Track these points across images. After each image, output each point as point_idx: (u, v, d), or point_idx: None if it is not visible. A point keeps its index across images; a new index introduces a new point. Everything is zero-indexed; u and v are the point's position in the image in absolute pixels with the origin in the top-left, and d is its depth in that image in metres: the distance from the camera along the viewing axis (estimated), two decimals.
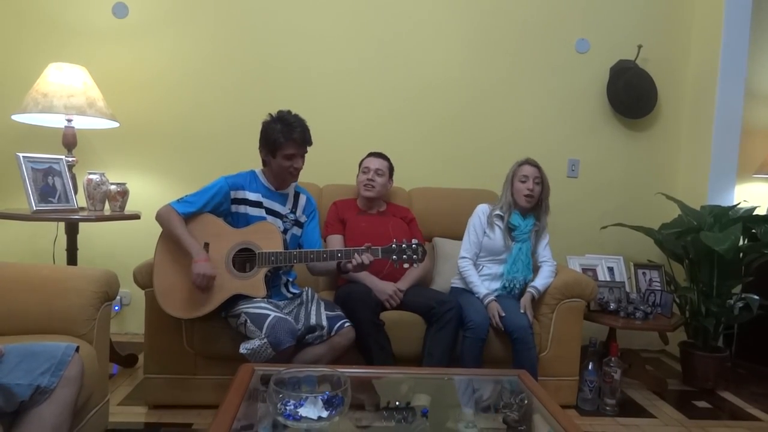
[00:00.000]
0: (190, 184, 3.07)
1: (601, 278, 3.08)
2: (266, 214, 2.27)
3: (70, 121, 2.68)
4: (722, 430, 2.47)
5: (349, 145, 2.98)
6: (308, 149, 2.28)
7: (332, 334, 2.16)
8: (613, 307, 2.81)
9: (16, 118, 2.69)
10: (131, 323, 3.29)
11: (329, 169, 2.94)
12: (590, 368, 2.54)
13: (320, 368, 1.72)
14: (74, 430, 1.61)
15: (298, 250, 2.23)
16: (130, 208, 2.77)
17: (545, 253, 2.64)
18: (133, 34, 3.18)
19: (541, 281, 2.55)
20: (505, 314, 2.42)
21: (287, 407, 1.39)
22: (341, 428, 1.49)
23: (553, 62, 3.46)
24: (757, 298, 2.83)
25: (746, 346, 3.38)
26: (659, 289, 3.03)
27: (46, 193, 2.49)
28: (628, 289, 3.03)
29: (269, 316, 2.01)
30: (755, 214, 2.96)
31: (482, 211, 2.67)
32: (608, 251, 3.28)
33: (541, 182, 2.61)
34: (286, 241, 2.27)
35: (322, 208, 2.82)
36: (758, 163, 3.65)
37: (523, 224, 2.60)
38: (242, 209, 2.25)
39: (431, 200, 3.08)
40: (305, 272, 2.46)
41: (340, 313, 2.24)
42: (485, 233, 2.62)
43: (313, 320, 2.17)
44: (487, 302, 2.47)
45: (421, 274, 2.65)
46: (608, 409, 2.55)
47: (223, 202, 2.22)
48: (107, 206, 2.70)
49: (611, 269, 3.14)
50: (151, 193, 3.19)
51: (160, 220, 2.18)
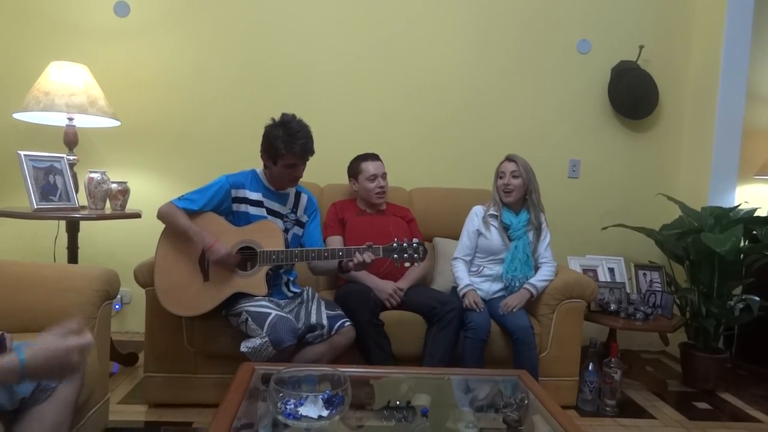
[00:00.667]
0: (191, 182, 3.05)
1: (601, 279, 3.08)
2: (267, 213, 2.27)
3: (71, 119, 2.68)
4: (722, 431, 2.47)
5: (349, 144, 2.98)
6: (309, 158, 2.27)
7: (332, 333, 2.16)
8: (613, 307, 2.81)
9: (17, 116, 2.69)
10: (132, 322, 3.29)
11: (330, 168, 2.94)
12: (590, 369, 2.54)
13: (321, 367, 1.72)
14: (75, 428, 1.61)
15: (299, 248, 2.22)
16: (131, 206, 2.77)
17: (546, 254, 2.63)
18: (134, 32, 3.18)
19: (539, 280, 2.54)
20: (505, 314, 2.42)
21: (287, 406, 1.39)
22: (341, 427, 1.49)
23: (554, 62, 3.45)
24: (757, 299, 2.82)
25: (747, 347, 3.38)
26: (660, 290, 3.03)
27: (47, 191, 2.49)
28: (628, 289, 3.03)
29: (270, 314, 2.02)
30: (756, 215, 2.96)
31: (476, 212, 2.68)
32: (609, 252, 3.28)
33: (520, 176, 2.58)
34: (287, 240, 2.27)
35: (322, 207, 2.82)
36: (759, 164, 3.65)
37: (515, 221, 2.60)
38: (243, 208, 2.25)
39: (432, 200, 3.08)
40: (306, 271, 2.46)
41: (340, 312, 2.24)
42: (481, 234, 2.63)
43: (313, 319, 2.17)
44: (464, 292, 2.48)
45: (421, 273, 2.65)
46: (608, 409, 2.55)
47: (224, 200, 2.22)
48: (108, 205, 2.70)
49: (612, 270, 3.14)
50: (152, 191, 3.19)
51: (162, 217, 2.18)
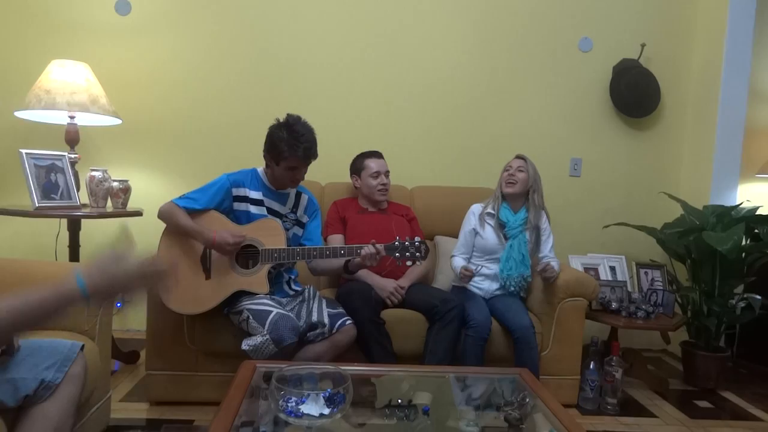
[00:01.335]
0: (192, 181, 3.07)
1: (603, 277, 3.08)
2: (267, 213, 2.27)
3: (72, 117, 2.68)
4: (724, 430, 2.47)
5: (350, 143, 2.98)
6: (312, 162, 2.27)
7: (334, 331, 2.16)
8: (614, 306, 2.81)
9: (19, 114, 2.69)
10: (133, 320, 3.30)
11: (331, 167, 2.93)
12: (592, 367, 2.54)
13: (322, 365, 1.72)
14: (77, 425, 1.61)
15: (301, 247, 2.22)
16: (132, 205, 2.78)
17: (551, 254, 2.62)
18: (135, 31, 3.18)
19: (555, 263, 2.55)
20: (507, 312, 2.42)
21: (289, 404, 1.39)
22: (343, 425, 1.50)
23: (555, 61, 3.45)
24: (759, 298, 2.82)
25: (748, 346, 3.38)
26: (661, 288, 3.03)
27: (48, 189, 2.50)
28: (630, 288, 3.02)
29: (271, 312, 2.02)
30: (758, 213, 2.96)
31: (473, 211, 2.69)
32: (610, 250, 3.28)
33: (526, 171, 2.60)
34: (288, 238, 2.28)
35: (324, 206, 2.82)
36: (761, 162, 3.65)
37: (512, 219, 2.60)
38: (244, 207, 2.25)
39: (433, 198, 3.08)
40: (307, 270, 2.46)
41: (341, 310, 2.24)
42: (477, 233, 2.63)
43: (314, 318, 2.18)
44: (459, 270, 2.50)
45: (422, 272, 2.65)
46: (609, 408, 2.55)
47: (224, 199, 2.22)
48: (109, 203, 2.71)
49: (613, 268, 3.14)
50: (153, 190, 3.19)
51: (163, 216, 2.18)
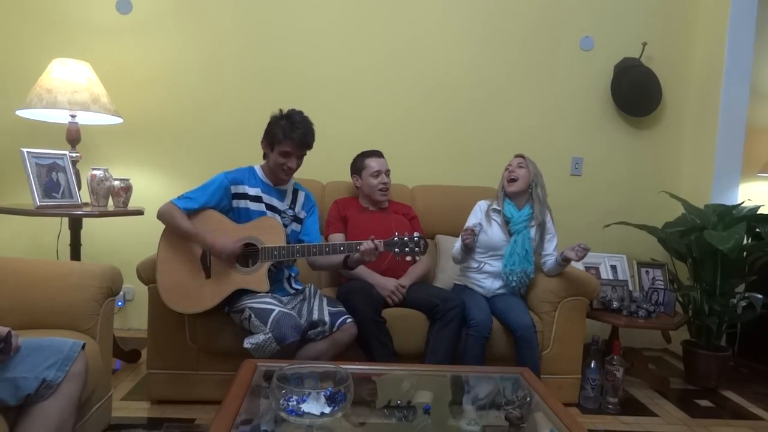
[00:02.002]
0: (193, 180, 3.05)
1: (604, 276, 3.07)
2: (266, 209, 2.28)
3: (74, 116, 2.68)
4: (725, 429, 2.47)
5: (352, 142, 2.97)
6: (310, 151, 2.29)
7: (334, 329, 2.16)
8: (615, 305, 2.81)
9: (20, 113, 2.69)
10: (134, 319, 3.30)
11: (332, 166, 2.94)
12: (593, 366, 2.54)
13: (323, 364, 1.72)
14: (78, 424, 1.62)
15: (300, 244, 2.23)
16: (133, 204, 2.78)
17: (554, 253, 2.61)
18: (136, 30, 3.18)
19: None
20: (508, 312, 2.42)
21: (290, 403, 1.39)
22: (344, 424, 1.50)
23: (556, 60, 3.45)
24: (760, 297, 2.82)
25: (749, 345, 3.37)
26: (662, 287, 3.02)
27: (49, 188, 2.50)
28: (631, 287, 3.02)
29: (274, 310, 2.02)
30: (759, 213, 2.96)
31: (480, 206, 2.70)
32: (611, 249, 3.27)
33: (526, 167, 2.61)
34: (287, 234, 2.28)
35: (324, 205, 2.82)
36: (762, 162, 3.64)
37: (517, 215, 2.60)
38: (243, 204, 2.26)
39: (434, 197, 3.08)
40: (308, 268, 2.46)
41: (342, 309, 2.24)
42: (482, 229, 2.61)
43: (315, 316, 2.18)
44: (463, 236, 2.46)
45: (423, 270, 2.65)
46: (610, 407, 2.55)
47: (223, 197, 2.23)
48: (111, 202, 2.71)
49: (614, 267, 3.14)
50: (154, 189, 3.19)
51: (162, 217, 2.18)
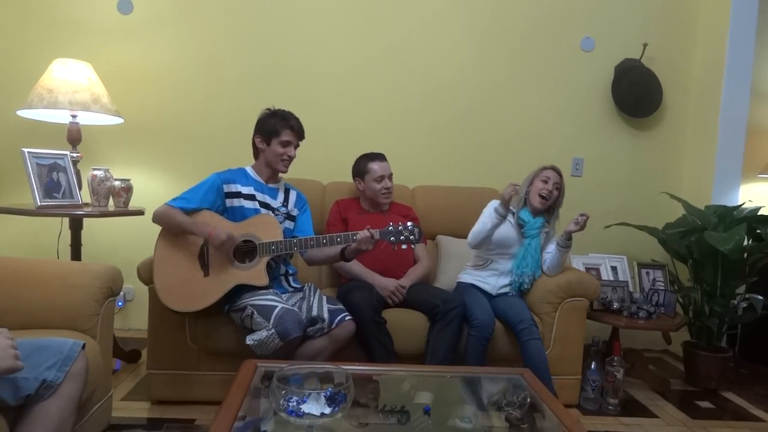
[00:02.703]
0: (194, 180, 3.02)
1: (604, 277, 3.07)
2: (259, 206, 2.29)
3: (74, 116, 2.69)
4: (725, 430, 2.47)
5: (352, 143, 2.98)
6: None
7: (333, 326, 2.16)
8: (616, 306, 2.81)
9: (21, 113, 2.69)
10: (134, 319, 3.30)
11: (332, 167, 2.94)
12: (593, 367, 2.54)
13: (323, 365, 1.72)
14: (78, 424, 1.61)
15: (297, 237, 2.23)
16: (134, 204, 2.78)
17: (553, 245, 2.63)
18: (137, 30, 3.18)
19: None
20: (509, 310, 2.42)
21: (290, 403, 1.39)
22: (344, 425, 1.50)
23: (557, 61, 3.45)
24: (761, 298, 2.82)
25: (750, 346, 3.37)
26: (663, 288, 3.02)
27: (50, 188, 2.50)
28: (631, 288, 3.02)
29: (276, 306, 2.03)
30: (760, 214, 2.95)
31: (495, 203, 2.64)
32: (612, 250, 3.27)
33: (559, 190, 2.62)
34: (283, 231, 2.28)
35: (325, 205, 2.82)
36: (763, 163, 3.64)
37: (532, 221, 2.60)
38: (237, 203, 2.27)
39: (434, 198, 3.08)
40: (306, 268, 2.46)
41: (341, 306, 2.25)
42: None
43: (314, 312, 2.18)
44: (494, 205, 2.51)
45: (424, 271, 2.65)
46: (611, 408, 2.55)
47: (217, 198, 2.25)
48: (111, 202, 2.71)
49: (615, 268, 3.13)
50: (155, 189, 3.20)
51: (158, 219, 2.19)
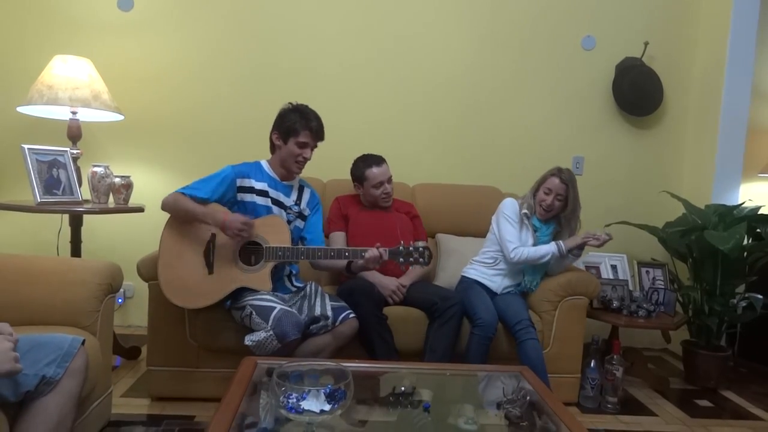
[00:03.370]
0: (194, 177, 3.01)
1: (604, 276, 3.07)
2: (271, 204, 2.27)
3: (74, 113, 2.68)
4: (724, 429, 2.47)
5: (353, 140, 2.98)
6: (318, 145, 2.32)
7: (337, 324, 2.16)
8: (616, 305, 2.81)
9: (21, 110, 2.69)
10: (134, 316, 3.30)
11: (333, 164, 2.93)
12: (592, 366, 2.54)
13: (323, 362, 1.72)
14: (78, 421, 1.61)
15: (305, 246, 2.22)
16: (134, 201, 2.78)
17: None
18: (137, 27, 3.18)
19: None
20: (507, 309, 2.42)
21: (290, 400, 1.39)
22: (343, 422, 1.50)
23: (558, 59, 3.44)
24: (760, 297, 2.82)
25: (749, 345, 3.38)
26: (662, 287, 3.02)
27: (50, 185, 2.50)
28: (631, 287, 3.02)
29: (275, 308, 2.02)
30: (760, 213, 2.95)
31: (512, 201, 2.61)
32: (612, 249, 3.24)
33: (564, 199, 2.52)
34: (291, 230, 2.28)
35: (325, 203, 2.82)
36: (764, 162, 3.64)
37: (544, 228, 2.59)
38: (248, 198, 2.25)
39: (435, 196, 3.07)
40: (308, 267, 2.46)
41: (344, 304, 2.25)
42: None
43: (318, 311, 2.18)
44: (566, 248, 2.44)
45: (424, 270, 2.64)
46: (610, 406, 2.55)
47: (228, 190, 2.22)
48: (111, 199, 2.71)
49: (615, 267, 3.13)
50: (155, 186, 3.19)
51: (168, 206, 2.17)
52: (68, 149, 2.63)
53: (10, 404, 1.31)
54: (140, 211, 2.73)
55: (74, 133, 2.69)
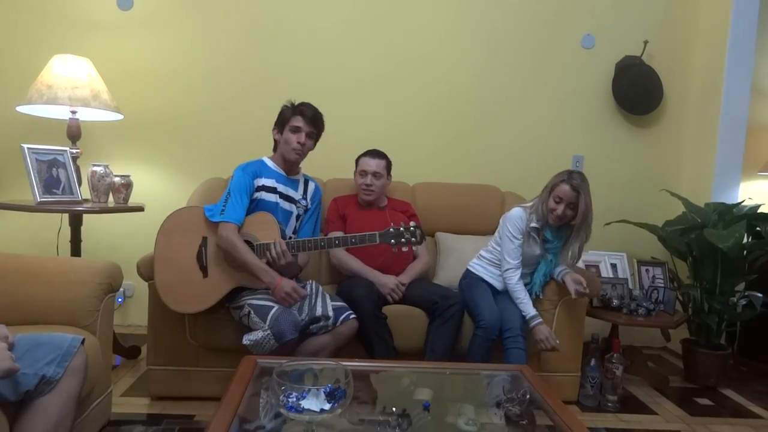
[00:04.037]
0: (193, 176, 3.08)
1: (604, 275, 3.07)
2: (280, 199, 2.29)
3: (74, 112, 2.68)
4: (724, 427, 2.47)
5: (353, 140, 2.97)
6: (319, 138, 2.36)
7: (338, 324, 2.16)
8: (615, 303, 2.81)
9: (20, 109, 2.69)
10: (134, 315, 3.30)
11: (332, 163, 2.94)
12: (592, 364, 2.54)
13: (323, 361, 1.72)
14: (78, 420, 1.62)
15: (294, 240, 2.22)
16: (133, 200, 2.78)
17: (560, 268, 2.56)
18: (137, 26, 3.17)
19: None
20: (504, 310, 2.39)
21: (290, 399, 1.39)
22: (343, 421, 1.50)
23: (558, 58, 3.44)
24: (760, 295, 2.82)
25: (748, 343, 3.37)
26: (662, 286, 3.03)
27: (50, 184, 2.50)
28: (631, 285, 3.02)
29: (273, 308, 2.03)
30: (760, 211, 2.95)
31: (519, 216, 2.45)
32: (612, 248, 3.27)
33: (575, 208, 2.35)
34: (283, 230, 2.28)
35: (324, 202, 2.82)
36: (763, 160, 3.64)
37: (556, 239, 2.48)
38: (258, 195, 2.28)
39: (434, 195, 3.07)
40: (308, 265, 2.46)
41: (344, 304, 2.25)
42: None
43: (319, 311, 2.18)
44: (534, 324, 2.32)
45: (423, 268, 2.64)
46: (610, 405, 2.55)
47: (250, 197, 2.25)
48: (111, 198, 2.71)
49: (614, 266, 3.14)
50: (154, 185, 3.20)
51: (225, 245, 2.13)
52: (68, 149, 2.63)
53: (10, 403, 1.32)
54: (140, 210, 2.73)
55: (74, 132, 2.69)
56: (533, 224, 2.43)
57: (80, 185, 2.66)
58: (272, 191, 2.30)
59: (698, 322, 3.00)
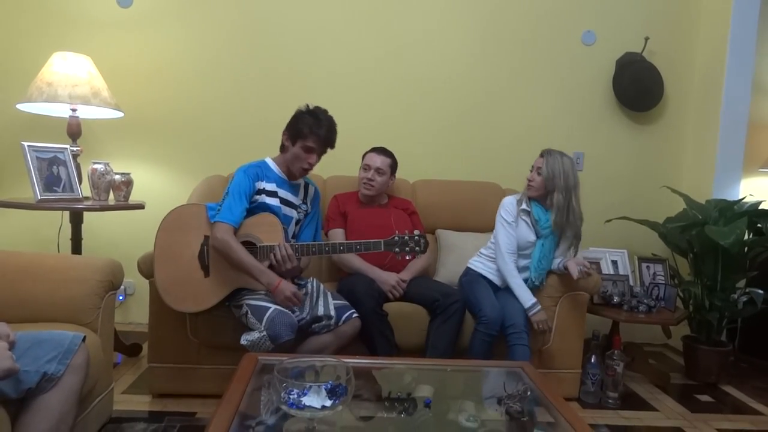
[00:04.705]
0: (194, 174, 3.07)
1: (605, 271, 3.07)
2: (281, 203, 2.26)
3: (74, 110, 2.68)
4: (725, 424, 2.47)
5: (353, 137, 2.95)
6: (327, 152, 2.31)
7: (340, 323, 2.16)
8: (616, 300, 2.81)
9: (20, 107, 2.69)
10: (135, 313, 3.31)
11: (333, 161, 2.92)
12: (593, 361, 2.54)
13: (324, 358, 1.72)
14: (79, 418, 1.62)
15: (299, 243, 2.22)
16: (134, 197, 2.78)
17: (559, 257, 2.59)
18: (137, 23, 3.17)
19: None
20: (504, 307, 2.39)
21: (291, 396, 1.39)
22: (344, 418, 1.50)
23: (558, 54, 3.43)
24: (761, 292, 2.82)
25: (749, 340, 3.38)
26: (663, 282, 3.02)
27: (50, 182, 2.50)
28: (631, 282, 3.02)
29: (269, 309, 2.01)
30: (761, 208, 2.95)
31: (510, 203, 2.54)
32: (612, 244, 3.27)
33: (542, 174, 2.46)
34: (287, 232, 2.27)
35: (325, 199, 2.82)
36: (764, 157, 3.64)
37: (544, 217, 2.52)
38: (260, 199, 2.24)
39: (435, 192, 3.07)
40: (309, 264, 2.46)
41: (346, 303, 2.24)
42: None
43: (321, 311, 2.17)
44: (533, 312, 2.36)
45: (424, 264, 2.64)
46: (611, 402, 2.56)
47: (250, 199, 2.21)
48: (111, 196, 2.71)
49: (615, 262, 3.13)
50: (155, 183, 3.20)
51: (220, 247, 2.10)
52: (68, 146, 2.63)
53: (11, 401, 1.32)
54: (140, 208, 2.73)
55: (74, 130, 2.69)
56: (523, 207, 2.53)
57: (81, 183, 2.66)
58: (273, 195, 2.26)
59: (699, 318, 3.00)
